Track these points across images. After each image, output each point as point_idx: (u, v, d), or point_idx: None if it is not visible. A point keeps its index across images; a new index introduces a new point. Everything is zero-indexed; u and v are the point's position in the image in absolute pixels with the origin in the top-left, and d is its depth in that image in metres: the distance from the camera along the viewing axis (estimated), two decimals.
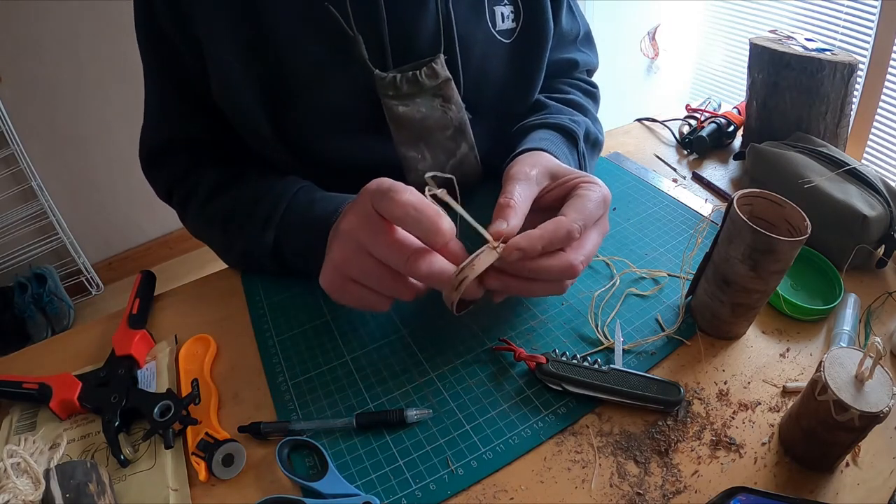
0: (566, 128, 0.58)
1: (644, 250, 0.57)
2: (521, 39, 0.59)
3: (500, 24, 0.57)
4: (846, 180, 0.56)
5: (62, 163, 1.73)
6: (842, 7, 1.73)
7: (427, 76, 0.53)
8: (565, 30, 0.66)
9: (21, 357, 0.51)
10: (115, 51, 1.64)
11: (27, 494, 0.35)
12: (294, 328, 0.51)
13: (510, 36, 0.58)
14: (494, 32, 0.57)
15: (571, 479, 0.38)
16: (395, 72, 0.52)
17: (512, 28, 0.58)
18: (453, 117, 0.56)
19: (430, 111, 0.54)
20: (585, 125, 0.61)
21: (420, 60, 0.53)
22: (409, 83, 0.53)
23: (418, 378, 0.45)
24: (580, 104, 0.65)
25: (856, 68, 0.63)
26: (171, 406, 0.42)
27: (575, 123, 0.59)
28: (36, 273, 1.75)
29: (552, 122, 0.59)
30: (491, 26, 0.56)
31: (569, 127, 0.58)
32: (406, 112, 0.53)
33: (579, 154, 0.59)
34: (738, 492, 0.35)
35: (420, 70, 0.53)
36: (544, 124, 0.58)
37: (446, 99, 0.55)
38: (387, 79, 0.52)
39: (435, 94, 0.54)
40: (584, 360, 0.44)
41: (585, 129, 0.61)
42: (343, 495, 0.37)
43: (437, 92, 0.54)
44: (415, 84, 0.53)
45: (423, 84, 0.53)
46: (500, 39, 0.58)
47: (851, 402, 0.34)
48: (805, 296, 0.52)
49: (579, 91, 0.69)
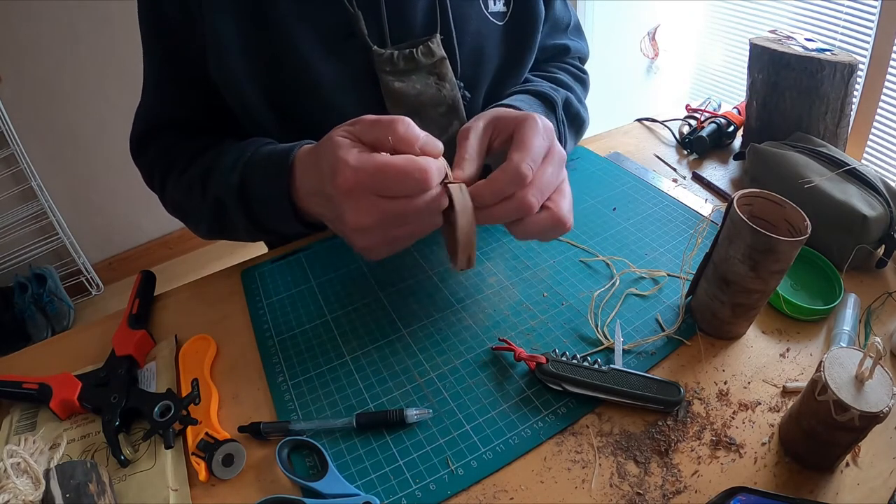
0: (544, 93, 0.59)
1: (644, 250, 0.57)
2: (513, 22, 0.60)
3: (492, 6, 0.59)
4: (846, 180, 0.56)
5: (62, 163, 1.73)
6: (842, 7, 1.73)
7: (423, 54, 0.55)
8: (558, 17, 0.68)
9: (21, 357, 0.51)
10: (115, 51, 1.64)
11: (27, 494, 0.35)
12: (294, 328, 0.51)
13: (502, 18, 0.60)
14: (487, 14, 0.58)
15: (571, 479, 0.38)
16: (392, 48, 0.54)
17: (503, 11, 0.60)
18: (447, 95, 0.57)
19: (424, 88, 0.56)
20: (566, 96, 0.62)
21: (417, 39, 0.55)
22: (405, 60, 0.54)
23: (418, 378, 0.45)
24: (565, 83, 0.66)
25: (856, 68, 0.63)
26: (171, 406, 0.42)
27: (555, 91, 0.60)
28: (36, 273, 1.75)
29: (531, 88, 0.60)
30: (483, 7, 0.58)
31: (547, 93, 0.59)
32: (402, 87, 0.55)
33: (557, 120, 0.59)
34: (738, 492, 0.35)
35: (417, 48, 0.54)
36: (522, 90, 0.59)
37: (441, 77, 0.56)
38: (384, 55, 0.53)
39: (430, 72, 0.56)
40: (584, 360, 0.44)
41: (565, 99, 0.62)
42: (343, 495, 0.37)
43: (433, 70, 0.56)
44: (411, 61, 0.54)
45: (420, 61, 0.55)
46: (493, 21, 0.59)
47: (851, 402, 0.34)
48: (805, 296, 0.52)
49: (568, 74, 0.69)
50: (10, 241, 1.71)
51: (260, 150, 0.49)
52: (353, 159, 0.38)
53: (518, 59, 0.62)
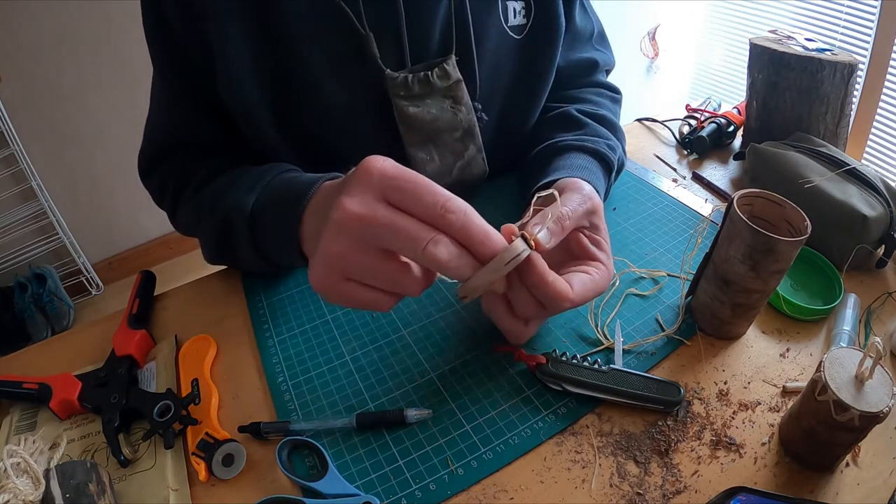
0: (604, 156, 0.56)
1: (644, 250, 0.57)
2: (532, 36, 0.58)
3: (512, 19, 0.56)
4: (846, 180, 0.56)
5: (62, 163, 1.73)
6: (842, 7, 1.73)
7: (438, 77, 0.53)
8: (579, 28, 0.65)
9: (21, 357, 0.51)
10: (115, 51, 1.64)
11: (27, 494, 0.35)
12: (294, 328, 0.51)
13: (521, 32, 0.58)
14: (506, 28, 0.56)
15: (571, 479, 0.38)
16: (406, 72, 0.52)
17: (522, 24, 0.57)
18: (463, 119, 0.56)
19: (440, 112, 0.54)
20: (619, 154, 0.59)
21: (432, 61, 0.53)
22: (420, 84, 0.52)
23: (418, 378, 0.45)
24: (612, 122, 0.63)
25: (856, 68, 0.63)
26: (171, 406, 0.42)
27: (611, 150, 0.57)
28: (36, 273, 1.75)
29: (590, 146, 0.56)
30: (503, 21, 0.56)
31: (607, 156, 0.56)
32: (417, 113, 0.53)
33: (609, 184, 0.58)
34: (738, 492, 0.35)
35: (432, 71, 0.53)
36: (583, 147, 0.56)
37: (456, 100, 0.55)
38: (398, 79, 0.52)
39: (445, 96, 0.54)
40: (584, 360, 0.44)
41: (619, 159, 0.59)
42: (343, 495, 0.37)
43: (448, 93, 0.54)
44: (426, 85, 0.53)
45: (435, 85, 0.53)
46: (511, 35, 0.57)
47: (851, 402, 0.34)
48: (805, 296, 0.52)
49: (607, 100, 0.67)
50: (10, 241, 1.71)
51: (282, 175, 0.47)
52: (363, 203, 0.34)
53: (534, 77, 0.60)
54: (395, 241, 0.33)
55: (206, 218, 0.50)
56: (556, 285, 0.38)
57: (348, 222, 0.33)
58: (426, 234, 0.33)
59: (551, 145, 0.57)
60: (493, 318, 0.43)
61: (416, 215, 0.33)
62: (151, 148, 0.56)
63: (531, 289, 0.39)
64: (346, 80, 0.51)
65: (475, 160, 0.60)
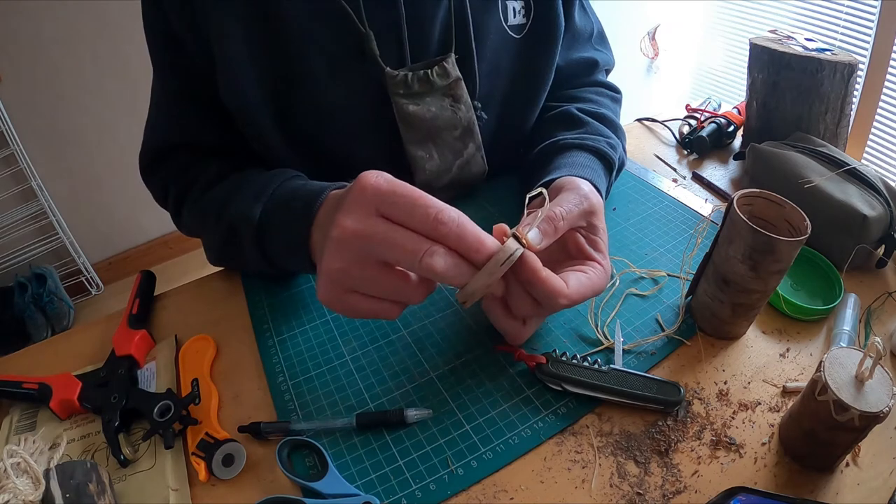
0: (605, 154, 0.56)
1: (644, 250, 0.57)
2: (531, 35, 0.58)
3: (511, 18, 0.57)
4: (846, 180, 0.56)
5: (62, 163, 1.73)
6: (842, 7, 1.73)
7: (438, 75, 0.53)
8: (579, 27, 0.65)
9: (21, 357, 0.51)
10: (115, 51, 1.64)
11: (27, 494, 0.35)
12: (294, 328, 0.51)
13: (520, 31, 0.58)
14: (506, 27, 0.57)
15: (571, 479, 0.38)
16: (406, 70, 0.52)
17: (522, 23, 0.58)
18: (462, 117, 0.56)
19: (439, 111, 0.54)
20: (620, 153, 0.59)
21: (432, 59, 0.53)
22: (420, 82, 0.52)
23: (418, 378, 0.45)
24: (613, 121, 0.63)
25: (856, 68, 0.63)
26: (171, 406, 0.42)
27: (612, 150, 0.57)
28: (36, 273, 1.75)
29: (591, 144, 0.56)
30: (503, 20, 0.56)
31: (609, 155, 0.56)
32: (416, 111, 0.53)
33: (610, 183, 0.58)
34: (738, 492, 0.35)
35: (431, 69, 0.53)
36: (584, 146, 0.56)
37: (456, 99, 0.55)
38: (398, 77, 0.52)
39: (445, 94, 0.54)
40: (584, 360, 0.44)
41: (620, 158, 0.59)
42: (343, 495, 0.37)
43: (448, 91, 0.54)
44: (426, 83, 0.53)
45: (434, 83, 0.53)
46: (511, 34, 0.57)
47: (851, 402, 0.34)
48: (805, 296, 0.52)
49: (608, 100, 0.67)
50: (10, 241, 1.71)
51: (287, 182, 0.48)
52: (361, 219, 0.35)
53: (534, 76, 0.60)
54: (392, 255, 0.35)
55: (211, 224, 0.51)
56: (550, 281, 0.39)
57: (347, 239, 0.35)
58: (422, 245, 0.34)
59: (552, 144, 0.57)
60: (491, 319, 0.44)
61: (412, 227, 0.35)
62: (152, 148, 0.56)
63: (526, 286, 0.39)
64: (345, 78, 0.51)
65: (474, 158, 0.60)
